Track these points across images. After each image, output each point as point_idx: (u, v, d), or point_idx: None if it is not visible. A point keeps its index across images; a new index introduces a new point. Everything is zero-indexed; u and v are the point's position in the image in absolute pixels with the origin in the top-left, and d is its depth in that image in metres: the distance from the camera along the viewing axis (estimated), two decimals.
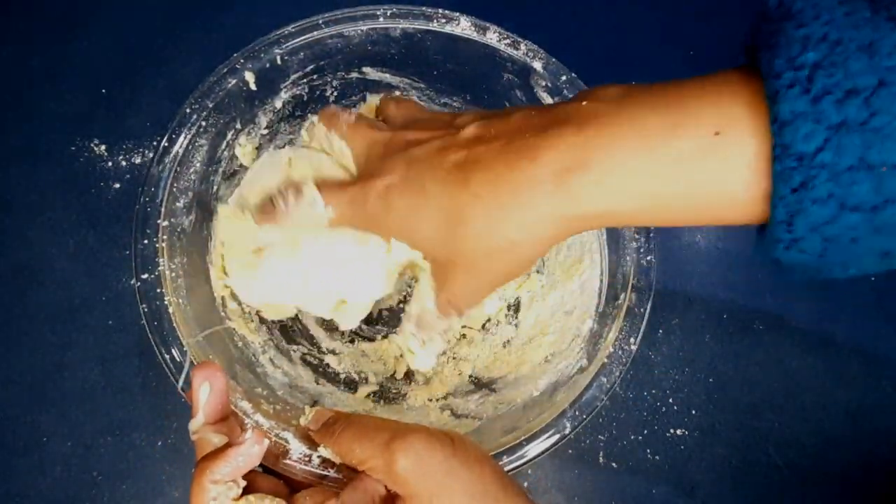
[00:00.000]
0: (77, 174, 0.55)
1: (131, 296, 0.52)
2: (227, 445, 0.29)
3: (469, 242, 0.30)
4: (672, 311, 0.54)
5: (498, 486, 0.29)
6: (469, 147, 0.30)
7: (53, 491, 0.47)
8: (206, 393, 0.31)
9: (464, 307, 0.34)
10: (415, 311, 0.36)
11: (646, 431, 0.50)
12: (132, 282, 0.36)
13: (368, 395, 0.47)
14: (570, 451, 0.50)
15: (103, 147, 0.56)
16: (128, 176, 0.55)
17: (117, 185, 0.55)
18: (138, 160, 0.56)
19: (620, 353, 0.37)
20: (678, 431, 0.51)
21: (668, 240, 0.56)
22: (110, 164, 0.56)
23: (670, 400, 0.51)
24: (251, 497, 0.29)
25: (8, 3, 0.61)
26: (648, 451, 0.50)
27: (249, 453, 0.29)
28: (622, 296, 0.39)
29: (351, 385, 0.48)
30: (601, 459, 0.50)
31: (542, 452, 0.35)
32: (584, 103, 0.28)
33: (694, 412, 0.51)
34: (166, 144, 0.39)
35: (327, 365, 0.48)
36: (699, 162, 0.24)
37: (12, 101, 0.58)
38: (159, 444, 0.49)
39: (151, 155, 0.39)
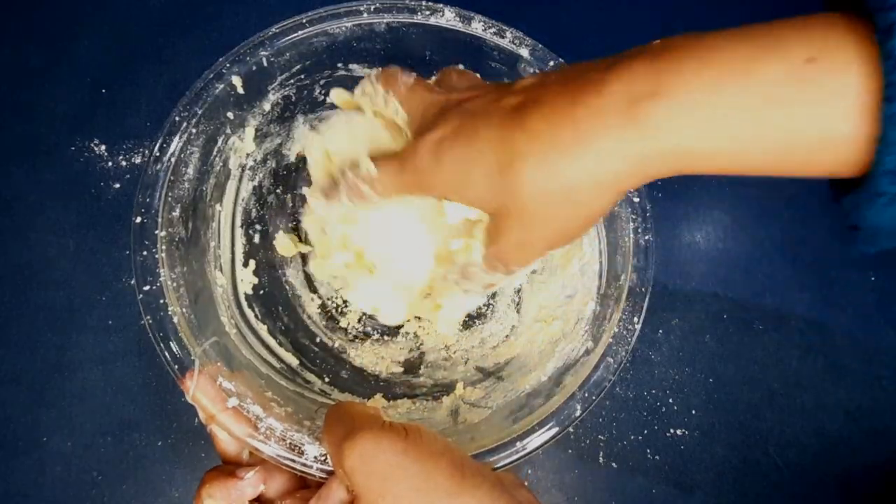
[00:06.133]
0: (77, 174, 0.55)
1: (131, 296, 0.52)
2: (231, 474, 0.33)
3: (522, 187, 0.26)
4: (672, 311, 0.54)
5: (454, 479, 0.27)
6: (527, 91, 0.27)
7: (53, 491, 0.47)
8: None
9: (512, 264, 0.31)
10: (462, 261, 0.34)
11: (646, 431, 0.50)
12: (132, 282, 0.36)
13: (380, 393, 0.47)
14: (570, 451, 0.50)
15: (103, 147, 0.56)
16: (128, 176, 0.55)
17: (117, 185, 0.55)
18: (138, 160, 0.56)
19: (625, 332, 0.37)
20: (678, 431, 0.51)
21: (668, 240, 0.56)
22: (110, 164, 0.56)
23: (670, 400, 0.51)
24: None
25: (8, 2, 0.61)
26: (648, 451, 0.50)
27: (243, 491, 0.32)
28: (623, 276, 0.39)
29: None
30: (601, 459, 0.50)
31: (553, 437, 0.35)
32: (656, 42, 0.25)
33: (694, 412, 0.51)
34: (157, 154, 0.39)
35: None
36: (789, 93, 0.21)
37: (12, 100, 0.58)
38: (159, 444, 0.49)
39: (149, 158, 0.38)
